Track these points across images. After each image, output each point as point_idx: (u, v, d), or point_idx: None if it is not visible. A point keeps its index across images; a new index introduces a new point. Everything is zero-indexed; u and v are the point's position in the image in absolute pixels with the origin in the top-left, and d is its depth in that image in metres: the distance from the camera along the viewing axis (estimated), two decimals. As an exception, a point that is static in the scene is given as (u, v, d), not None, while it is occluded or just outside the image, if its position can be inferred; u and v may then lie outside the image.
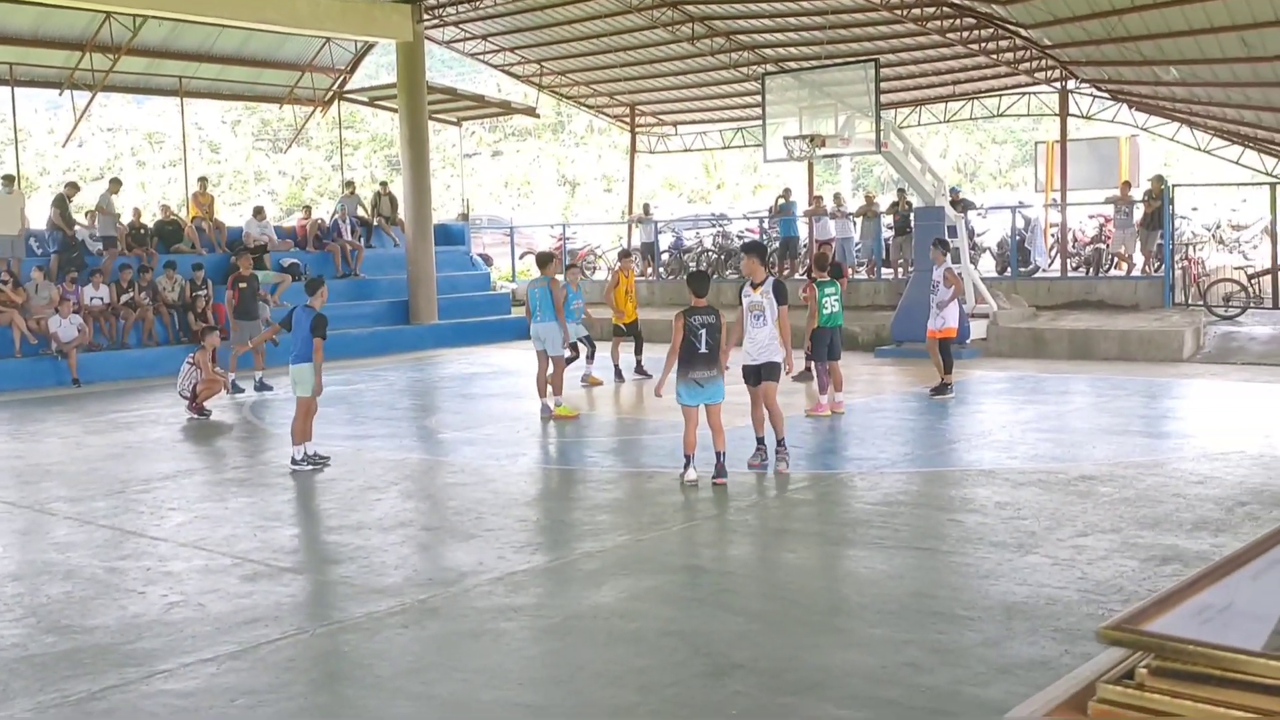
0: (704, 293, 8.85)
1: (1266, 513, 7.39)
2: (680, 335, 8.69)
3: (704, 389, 8.67)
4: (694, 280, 9.02)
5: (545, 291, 12.65)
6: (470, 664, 5.29)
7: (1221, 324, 16.88)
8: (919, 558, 6.89)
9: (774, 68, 23.30)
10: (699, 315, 8.69)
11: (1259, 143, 22.61)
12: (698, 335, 8.62)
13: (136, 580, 6.78)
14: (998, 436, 10.80)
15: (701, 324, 8.65)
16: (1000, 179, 47.94)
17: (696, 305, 8.79)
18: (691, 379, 8.68)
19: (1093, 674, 1.10)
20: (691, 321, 8.67)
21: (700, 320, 8.67)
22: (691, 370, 8.67)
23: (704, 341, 8.61)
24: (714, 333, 8.65)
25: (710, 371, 8.66)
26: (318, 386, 10.07)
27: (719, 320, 8.73)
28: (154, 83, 25.07)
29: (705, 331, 8.61)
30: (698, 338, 8.62)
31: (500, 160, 51.84)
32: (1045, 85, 23.88)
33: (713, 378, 8.67)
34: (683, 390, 8.74)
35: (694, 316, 8.69)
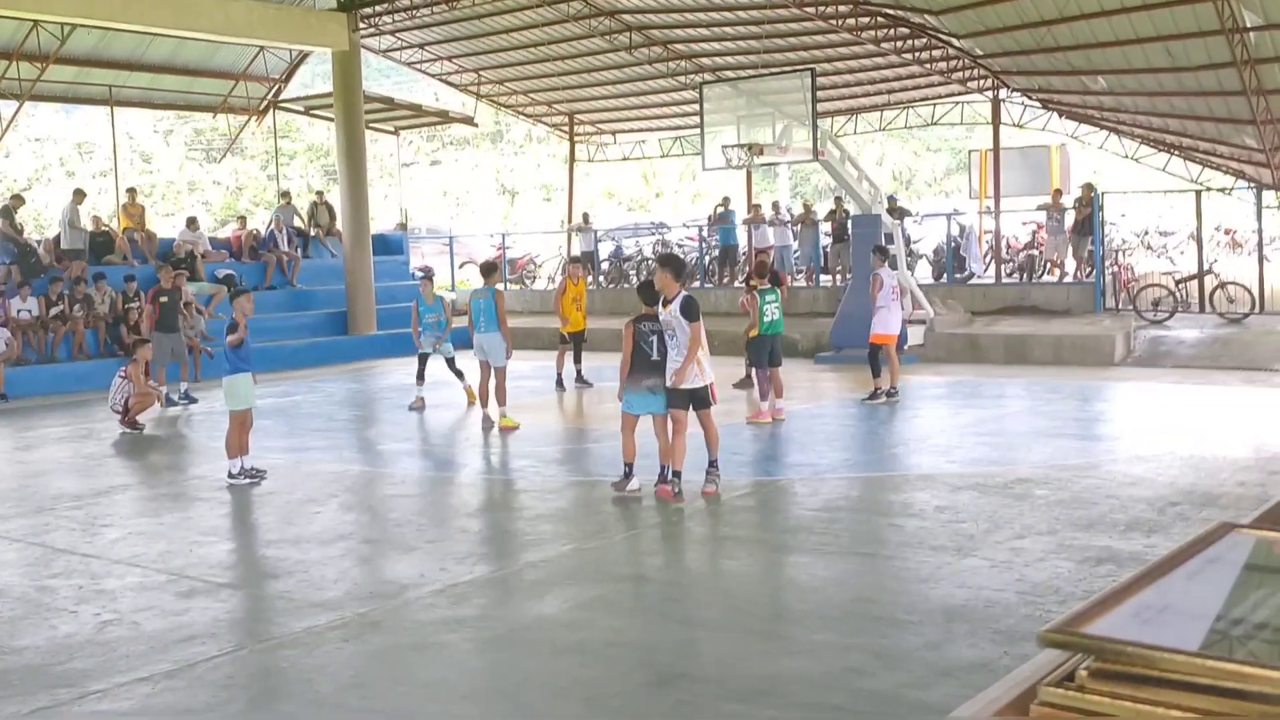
0: (654, 301, 8.78)
1: (1197, 513, 7.54)
2: (630, 343, 8.69)
3: (656, 397, 8.63)
4: (643, 290, 8.98)
5: (489, 302, 12.57)
6: (413, 677, 5.23)
7: (1151, 328, 17.21)
8: (860, 563, 6.95)
9: (711, 77, 23.42)
10: (649, 322, 8.69)
11: (1184, 150, 23.12)
12: (649, 342, 8.62)
13: (68, 599, 6.64)
14: (936, 441, 10.91)
15: (652, 330, 8.65)
16: (935, 186, 48.53)
17: (647, 313, 8.77)
18: (644, 386, 8.65)
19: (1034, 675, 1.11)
20: (641, 328, 8.69)
21: (650, 327, 8.66)
22: (644, 378, 8.64)
23: (655, 348, 8.61)
24: (665, 340, 8.62)
25: (659, 379, 8.61)
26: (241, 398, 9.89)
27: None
28: (83, 92, 24.63)
29: (656, 338, 8.61)
30: (649, 344, 8.62)
31: (438, 170, 51.53)
32: (978, 94, 24.25)
33: (660, 385, 8.62)
34: (633, 399, 8.71)
35: (644, 323, 8.70)
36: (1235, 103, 18.67)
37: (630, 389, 8.73)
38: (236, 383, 9.87)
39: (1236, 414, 11.65)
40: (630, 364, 8.72)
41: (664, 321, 8.50)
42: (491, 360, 12.34)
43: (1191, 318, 17.54)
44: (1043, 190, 22.49)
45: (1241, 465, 9.14)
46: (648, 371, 8.64)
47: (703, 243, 24.40)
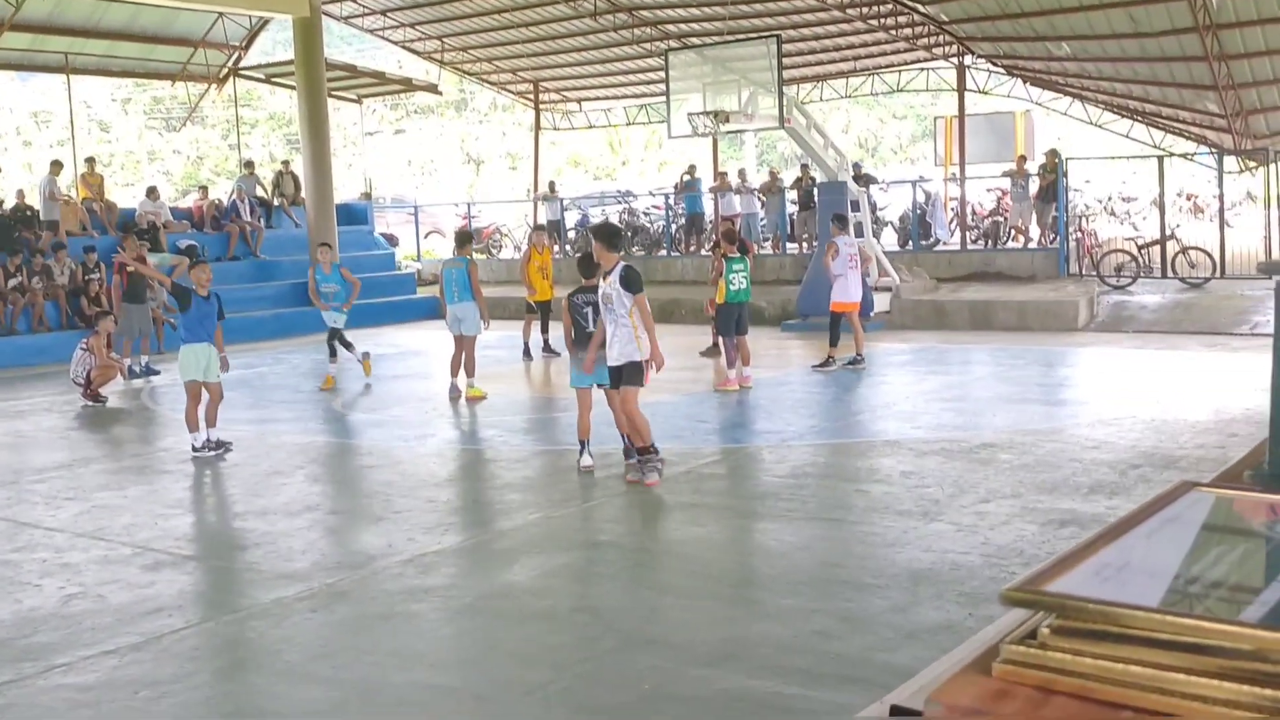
0: (591, 274, 8.54)
1: (1158, 475, 7.64)
2: (568, 317, 8.58)
3: (595, 370, 8.42)
4: (581, 263, 8.78)
5: (462, 272, 12.47)
6: (381, 647, 5.23)
7: (1114, 293, 17.37)
8: (827, 528, 6.99)
9: (677, 44, 23.30)
10: (582, 294, 8.49)
11: (1147, 116, 23.27)
12: (584, 315, 8.44)
13: (32, 572, 6.58)
14: (902, 407, 10.98)
15: (586, 303, 8.44)
16: (901, 154, 48.65)
17: (584, 285, 8.56)
18: (580, 359, 8.51)
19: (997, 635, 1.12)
20: (575, 301, 8.51)
21: (585, 299, 8.46)
22: (582, 351, 8.48)
23: (590, 321, 8.39)
24: (600, 312, 8.34)
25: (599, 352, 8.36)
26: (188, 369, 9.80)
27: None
28: (38, 59, 24.21)
29: (591, 310, 8.40)
30: (584, 317, 8.43)
31: (403, 138, 51.10)
32: (943, 61, 24.27)
33: (601, 358, 8.34)
34: (575, 373, 8.58)
35: (578, 296, 8.52)
36: (1197, 68, 18.81)
37: (573, 363, 8.60)
38: (185, 354, 9.78)
39: (1197, 378, 11.79)
40: (570, 337, 8.59)
41: (603, 294, 8.04)
42: (465, 330, 12.28)
43: (1154, 283, 17.70)
44: (1007, 157, 22.58)
45: (1202, 428, 9.26)
46: (585, 345, 8.42)
47: (669, 211, 24.35)
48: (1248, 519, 1.35)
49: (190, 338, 9.79)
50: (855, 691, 4.47)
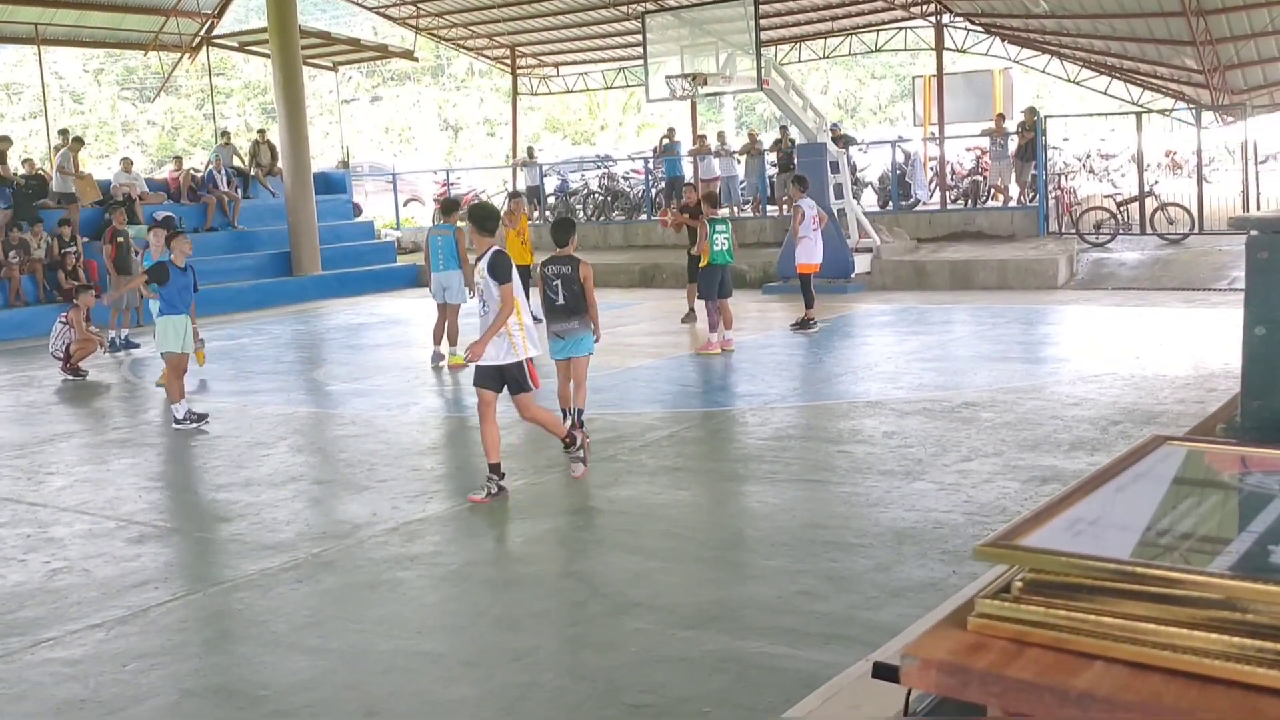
0: (564, 243, 8.24)
1: (1138, 431, 7.70)
2: (540, 286, 8.29)
3: (565, 342, 8.21)
4: (555, 229, 8.44)
5: (449, 240, 12.42)
6: (367, 615, 5.26)
7: (1093, 251, 17.43)
8: (810, 489, 7.03)
9: (654, 6, 23.12)
10: (553, 265, 8.18)
11: (1125, 73, 23.26)
12: (553, 286, 8.10)
13: (16, 548, 6.57)
14: (884, 368, 11.02)
15: (556, 274, 8.12)
16: (880, 114, 48.54)
17: (556, 254, 8.26)
18: (553, 332, 8.24)
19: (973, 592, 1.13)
20: (545, 271, 8.18)
21: (554, 270, 8.14)
22: (551, 323, 8.24)
23: (560, 293, 8.08)
24: (570, 283, 8.09)
25: (569, 324, 8.16)
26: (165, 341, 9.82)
27: (576, 270, 8.12)
28: (7, 30, 23.88)
29: (560, 282, 8.08)
30: (553, 289, 8.11)
31: (380, 106, 50.75)
32: (921, 20, 24.18)
33: (572, 330, 8.17)
34: (550, 345, 8.31)
35: (549, 267, 8.19)
36: (1175, 24, 18.80)
37: (549, 334, 8.34)
38: (164, 325, 9.76)
39: (1176, 334, 11.87)
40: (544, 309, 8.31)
41: (475, 283, 7.26)
42: (449, 298, 12.26)
43: (1133, 240, 17.77)
44: (986, 116, 22.57)
45: (1181, 384, 9.32)
46: (554, 317, 8.19)
47: (649, 175, 24.27)
48: (1219, 471, 1.37)
49: (169, 309, 9.76)
50: (841, 650, 4.51)
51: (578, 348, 8.25)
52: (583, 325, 8.22)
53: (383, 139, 49.35)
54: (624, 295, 17.93)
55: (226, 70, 43.83)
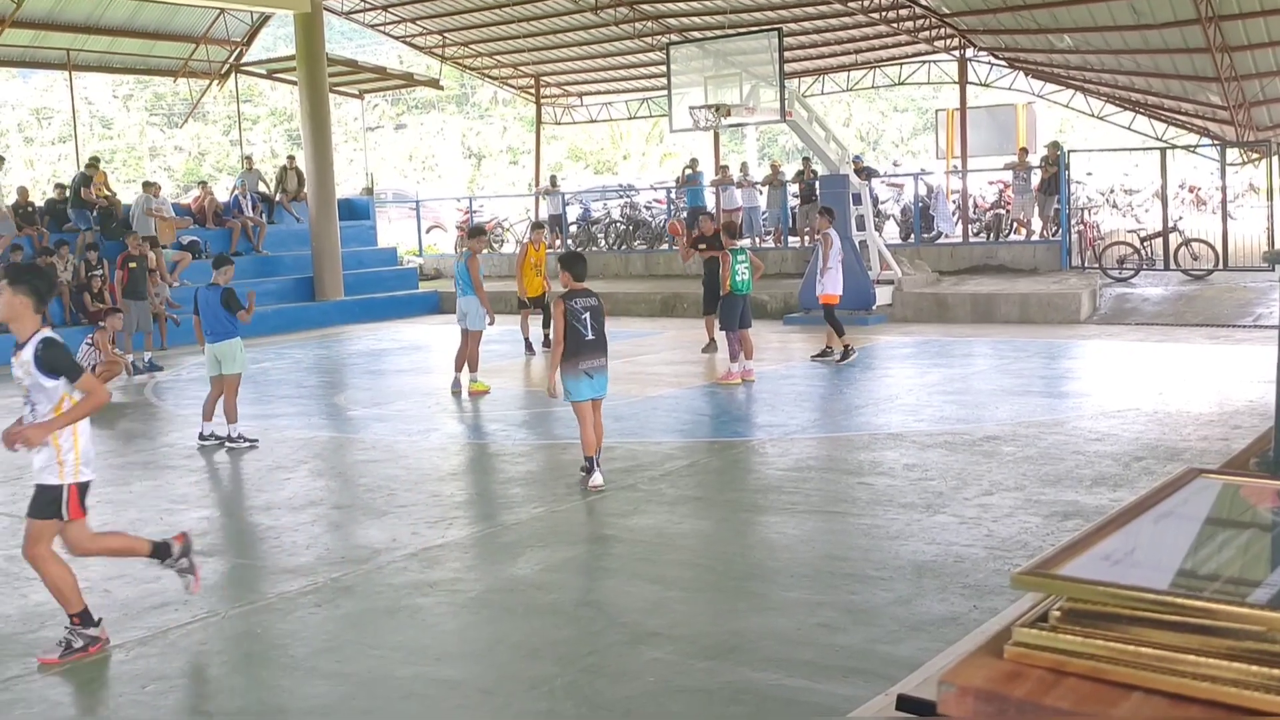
0: (583, 276, 8.06)
1: (1161, 467, 7.64)
2: (563, 322, 7.79)
3: (594, 380, 7.87)
4: (569, 261, 8.14)
5: (462, 266, 12.54)
6: (386, 641, 5.25)
7: (1116, 286, 17.36)
8: (830, 521, 7.00)
9: (678, 37, 23.28)
10: (580, 299, 7.86)
11: (1149, 108, 23.23)
12: (582, 320, 7.78)
13: (37, 568, 6.59)
14: (904, 400, 10.98)
15: (584, 307, 7.83)
16: (902, 146, 48.59)
17: (576, 289, 7.96)
18: (582, 370, 7.83)
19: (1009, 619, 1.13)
20: (573, 305, 7.82)
21: (583, 304, 7.84)
22: (581, 359, 7.81)
23: (589, 326, 7.81)
24: (598, 315, 7.88)
25: (599, 360, 7.89)
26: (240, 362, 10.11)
27: (601, 303, 8.01)
28: (40, 56, 24.22)
29: (589, 315, 7.82)
30: (582, 323, 7.78)
31: (404, 133, 51.12)
32: (944, 53, 24.23)
33: (601, 368, 7.92)
34: (572, 385, 7.87)
35: (575, 300, 7.85)
36: (1200, 60, 18.77)
37: (568, 375, 7.88)
38: (237, 346, 10.02)
39: (1200, 370, 11.79)
40: (565, 346, 7.86)
41: (15, 377, 5.22)
42: (469, 324, 12.33)
43: (1156, 275, 17.69)
44: (1009, 149, 22.56)
45: (1205, 420, 9.25)
46: (585, 353, 7.82)
47: (670, 205, 24.34)
48: (1254, 505, 1.36)
49: (239, 331, 10.05)
50: (860, 684, 4.48)
51: (603, 387, 8.01)
52: (607, 362, 8.02)
53: (406, 166, 49.69)
54: (645, 324, 17.95)
55: (253, 97, 44.28)
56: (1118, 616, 1.04)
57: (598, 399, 7.97)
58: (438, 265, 25.55)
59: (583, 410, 7.92)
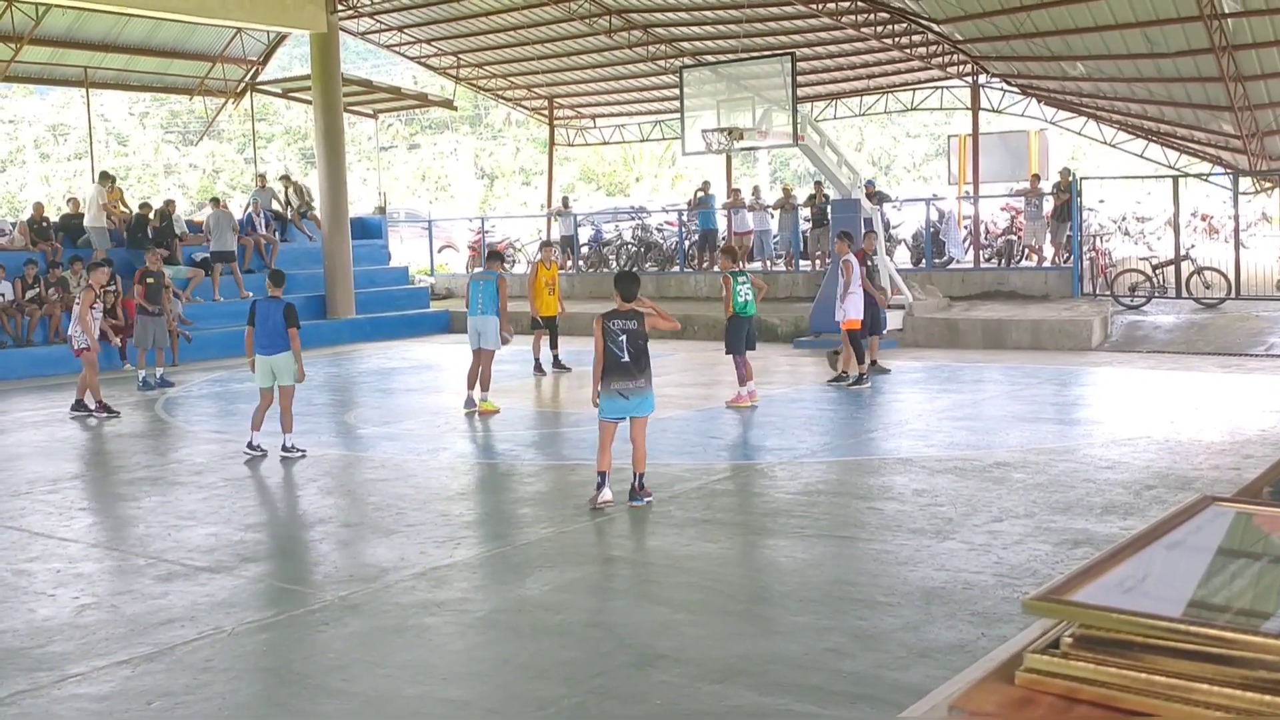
0: (631, 296, 8.03)
1: (1172, 496, 7.60)
2: (601, 341, 7.87)
3: (628, 401, 7.86)
4: (620, 281, 8.18)
5: (491, 285, 12.55)
6: (393, 660, 5.24)
7: (1128, 313, 17.32)
8: (839, 546, 6.98)
9: (691, 61, 23.39)
10: (619, 319, 7.87)
11: (1161, 136, 23.23)
12: (618, 342, 7.80)
13: (45, 583, 6.61)
14: (915, 425, 10.96)
15: (621, 329, 7.83)
16: (914, 172, 48.67)
17: (619, 309, 7.99)
18: (615, 390, 7.85)
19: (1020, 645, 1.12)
20: (610, 326, 7.85)
21: (620, 325, 7.85)
22: (613, 380, 7.84)
23: (625, 349, 7.80)
24: (636, 338, 7.85)
25: (635, 382, 7.85)
26: (300, 373, 10.27)
27: (642, 325, 7.92)
28: (58, 73, 24.42)
29: (626, 338, 7.80)
30: (618, 345, 7.80)
31: (417, 153, 51.36)
32: (957, 80, 24.30)
33: (639, 389, 7.87)
34: (605, 403, 7.91)
35: (614, 320, 7.87)
36: (1213, 89, 18.78)
37: (603, 392, 7.89)
38: (287, 359, 10.20)
39: (1212, 399, 11.75)
40: (602, 364, 7.90)
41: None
42: (484, 344, 12.34)
43: (1168, 303, 17.66)
44: (1021, 176, 22.58)
45: (1216, 449, 9.22)
46: (617, 374, 7.83)
47: (682, 227, 24.39)
48: (1268, 534, 1.35)
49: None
50: (867, 709, 4.46)
51: (638, 407, 7.95)
52: (648, 382, 7.97)
53: (419, 186, 49.90)
54: (656, 346, 17.89)
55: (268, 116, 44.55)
56: (1130, 644, 1.04)
57: (637, 417, 7.94)
58: (449, 285, 25.62)
59: (604, 429, 7.94)
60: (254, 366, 10.37)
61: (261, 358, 10.18)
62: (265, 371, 10.21)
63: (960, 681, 1.14)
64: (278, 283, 10.49)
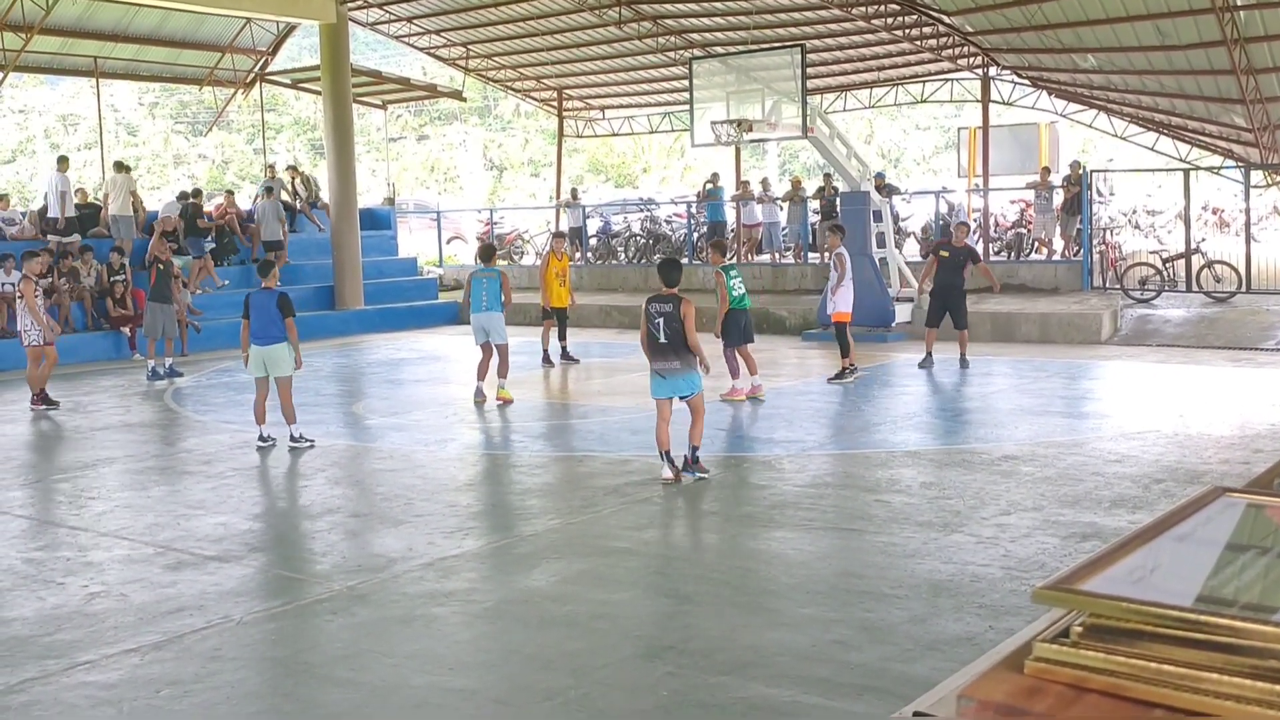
0: (673, 282, 8.42)
1: (1181, 490, 7.59)
2: (644, 325, 8.41)
3: (667, 381, 8.30)
4: (663, 268, 8.60)
5: (494, 283, 12.61)
6: (401, 650, 5.25)
7: (1137, 307, 17.27)
8: (846, 538, 6.98)
9: (701, 52, 23.34)
10: (658, 303, 8.30)
11: (1172, 129, 23.13)
12: (655, 324, 8.24)
13: (55, 571, 6.63)
14: (923, 418, 10.94)
15: (659, 312, 8.23)
16: (924, 164, 48.54)
17: (662, 293, 8.42)
18: (654, 370, 8.37)
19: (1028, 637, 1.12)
20: (650, 309, 8.32)
21: (658, 308, 8.26)
22: (653, 360, 8.35)
23: (662, 331, 8.20)
24: (672, 321, 8.20)
25: (671, 362, 8.26)
26: (298, 362, 10.29)
27: (678, 309, 8.24)
28: (68, 63, 24.43)
29: (663, 320, 8.20)
30: (655, 327, 8.24)
31: (426, 144, 51.37)
32: (967, 72, 24.20)
33: (674, 370, 8.27)
34: (651, 382, 8.46)
35: (653, 304, 8.32)
36: (1225, 81, 18.69)
37: (651, 374, 8.47)
38: (285, 350, 10.19)
39: (1222, 393, 11.71)
40: (645, 347, 8.45)
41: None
42: (493, 339, 12.40)
43: (1178, 297, 17.60)
44: (1031, 168, 22.50)
45: (1226, 443, 9.19)
46: (656, 355, 8.31)
47: (691, 219, 24.37)
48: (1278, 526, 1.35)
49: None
50: (874, 701, 4.46)
51: (678, 387, 8.32)
52: (685, 365, 8.31)
53: (428, 177, 49.91)
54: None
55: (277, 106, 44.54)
56: (1140, 633, 1.03)
57: (682, 397, 8.37)
58: (458, 276, 25.62)
59: (657, 406, 8.44)
60: (247, 361, 10.37)
61: (256, 348, 10.18)
62: (258, 362, 10.22)
63: (968, 673, 1.14)
64: (266, 273, 10.47)
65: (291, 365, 10.23)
